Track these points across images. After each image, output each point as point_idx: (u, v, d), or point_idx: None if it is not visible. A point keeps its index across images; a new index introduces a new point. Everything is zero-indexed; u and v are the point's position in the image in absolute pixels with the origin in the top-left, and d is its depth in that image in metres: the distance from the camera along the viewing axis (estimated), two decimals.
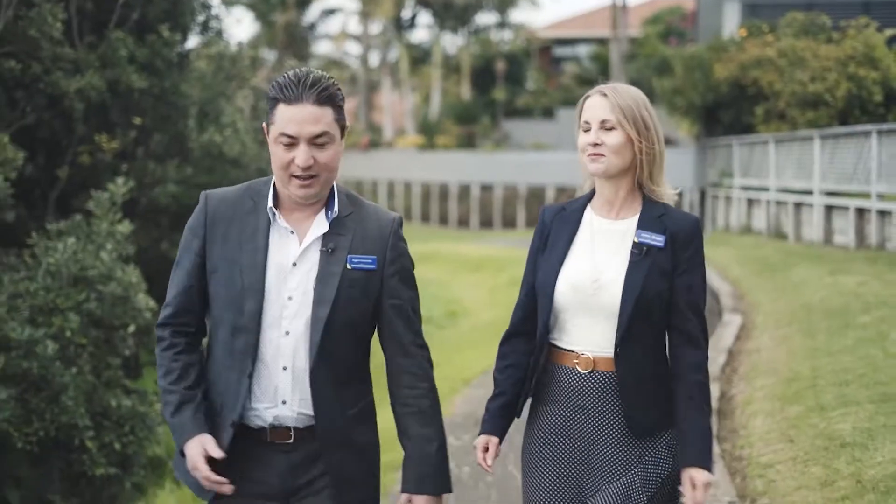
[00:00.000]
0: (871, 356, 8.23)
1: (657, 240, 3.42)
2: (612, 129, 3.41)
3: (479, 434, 3.60)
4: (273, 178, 3.29)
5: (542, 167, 32.05)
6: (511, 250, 22.11)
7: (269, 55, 46.80)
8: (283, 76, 3.16)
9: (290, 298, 3.23)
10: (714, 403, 8.02)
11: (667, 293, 3.41)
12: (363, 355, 3.37)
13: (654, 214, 3.47)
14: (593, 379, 3.44)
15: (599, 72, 42.62)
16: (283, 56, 47.85)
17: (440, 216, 36.27)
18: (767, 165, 19.98)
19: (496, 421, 3.59)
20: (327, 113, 3.18)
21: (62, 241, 8.72)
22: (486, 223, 33.94)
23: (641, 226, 3.46)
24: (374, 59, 51.52)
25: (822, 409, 7.30)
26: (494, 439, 3.57)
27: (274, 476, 3.29)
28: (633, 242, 3.43)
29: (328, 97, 3.18)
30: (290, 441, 3.27)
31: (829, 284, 12.43)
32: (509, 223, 32.76)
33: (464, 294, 19.21)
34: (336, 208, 3.29)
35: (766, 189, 19.96)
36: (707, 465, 3.39)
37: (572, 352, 3.46)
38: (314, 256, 3.25)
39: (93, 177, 12.42)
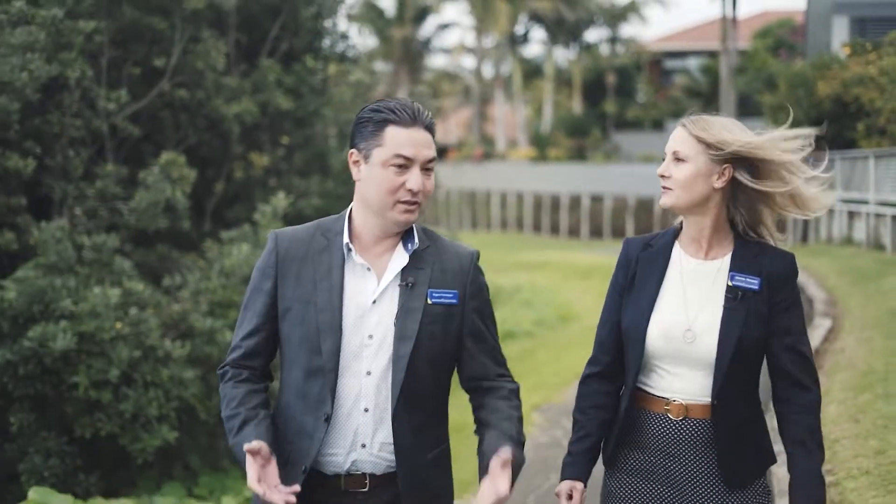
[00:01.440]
0: None
1: (752, 282, 3.29)
2: (682, 161, 3.29)
3: (563, 479, 3.45)
4: (345, 214, 3.25)
5: (650, 179, 32.84)
6: (612, 260, 23.22)
7: (384, 67, 48.48)
8: (384, 102, 3.16)
9: (370, 337, 3.14)
10: None
11: (764, 339, 3.29)
12: (444, 396, 3.29)
13: (748, 253, 3.34)
14: (686, 426, 3.32)
15: (709, 84, 43.29)
16: (399, 69, 49.46)
17: (551, 226, 37.43)
18: (868, 179, 20.77)
19: (581, 465, 3.45)
20: (432, 140, 3.18)
21: (236, 246, 10.27)
22: (596, 233, 34.98)
23: (735, 267, 3.33)
24: (488, 71, 52.84)
25: (888, 396, 8.41)
26: (580, 485, 3.43)
27: None
28: (728, 286, 3.30)
29: (433, 125, 3.19)
30: (366, 490, 3.15)
31: None
32: (619, 233, 33.75)
33: (574, 299, 20.40)
34: (416, 241, 3.22)
35: (865, 202, 20.75)
36: None
37: (663, 398, 3.34)
38: (393, 292, 3.17)
39: (245, 190, 14.06)
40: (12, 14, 10.02)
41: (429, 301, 3.15)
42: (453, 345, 3.21)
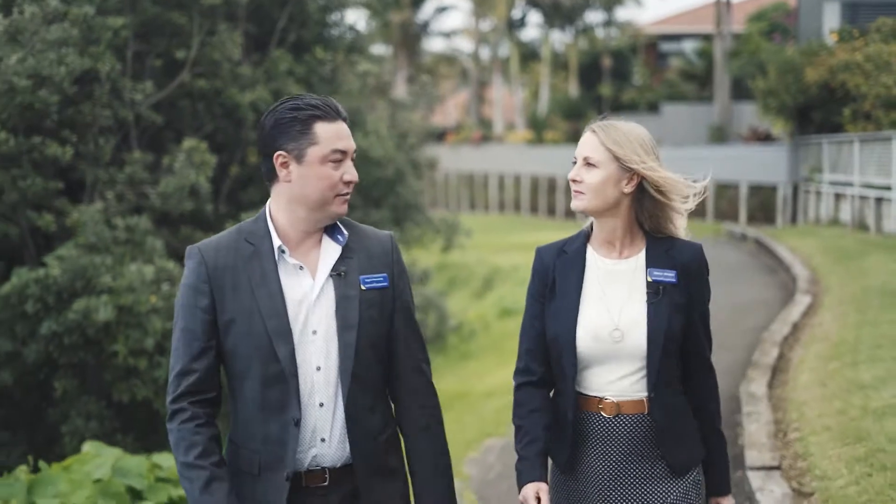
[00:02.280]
0: None
1: (669, 276, 3.39)
2: (593, 166, 3.36)
3: (524, 484, 3.42)
4: (263, 216, 3.22)
5: None
6: None
7: (383, 50, 49.07)
8: (297, 99, 3.15)
9: (314, 332, 3.14)
10: (772, 362, 10.04)
11: (685, 328, 3.39)
12: (384, 379, 3.31)
13: (660, 249, 3.44)
14: (620, 423, 3.38)
15: (705, 67, 43.95)
16: (398, 52, 50.07)
17: (548, 207, 38.14)
18: (853, 162, 21.59)
19: (537, 468, 3.43)
20: None
21: None
22: None
23: (651, 263, 3.43)
24: (486, 55, 53.37)
25: (855, 364, 9.24)
26: (544, 486, 3.41)
27: None
28: (647, 282, 3.39)
29: (347, 117, 3.22)
30: (326, 484, 3.16)
31: (893, 270, 14.22)
32: None
33: None
34: (345, 231, 3.24)
35: (850, 184, 21.58)
36: (730, 491, 3.58)
37: (596, 397, 3.39)
38: (328, 285, 3.17)
39: (258, 174, 14.85)
40: (48, 12, 10.80)
41: (363, 287, 3.18)
42: (388, 327, 3.25)
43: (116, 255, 10.17)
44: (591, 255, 3.46)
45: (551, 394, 3.54)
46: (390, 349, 3.29)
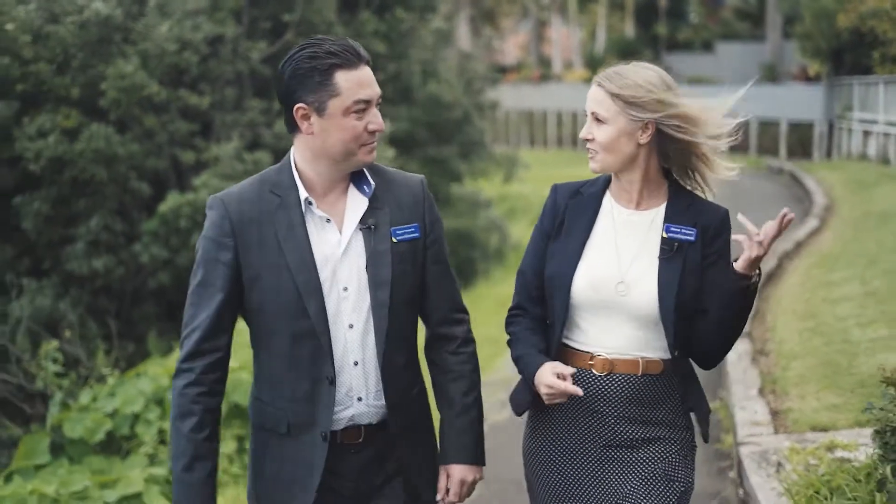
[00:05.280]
0: (888, 245, 12.45)
1: (688, 233, 3.12)
2: (602, 122, 3.10)
3: (533, 371, 3.13)
4: (288, 165, 3.04)
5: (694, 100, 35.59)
6: None
7: None
8: (317, 44, 2.94)
9: (345, 289, 3.00)
10: (769, 270, 12.43)
11: (700, 290, 3.12)
12: (416, 332, 3.18)
13: (681, 204, 3.16)
14: (611, 382, 3.14)
15: (758, 5, 45.25)
16: None
17: None
18: (878, 102, 23.65)
19: (542, 356, 3.17)
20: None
21: None
22: None
23: (669, 218, 3.15)
24: None
25: (831, 269, 11.69)
26: (557, 363, 3.11)
27: (347, 480, 3.09)
28: (662, 238, 3.13)
29: (370, 59, 3.02)
30: (360, 441, 3.06)
31: None
32: None
33: None
34: (372, 181, 3.06)
35: (876, 122, 23.66)
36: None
37: (587, 353, 3.15)
38: (357, 239, 3.01)
39: None
40: None
41: (394, 240, 3.02)
42: (421, 278, 3.11)
43: None
44: (608, 201, 3.20)
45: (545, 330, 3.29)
46: (423, 299, 3.15)
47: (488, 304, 13.63)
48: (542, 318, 3.28)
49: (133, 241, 13.66)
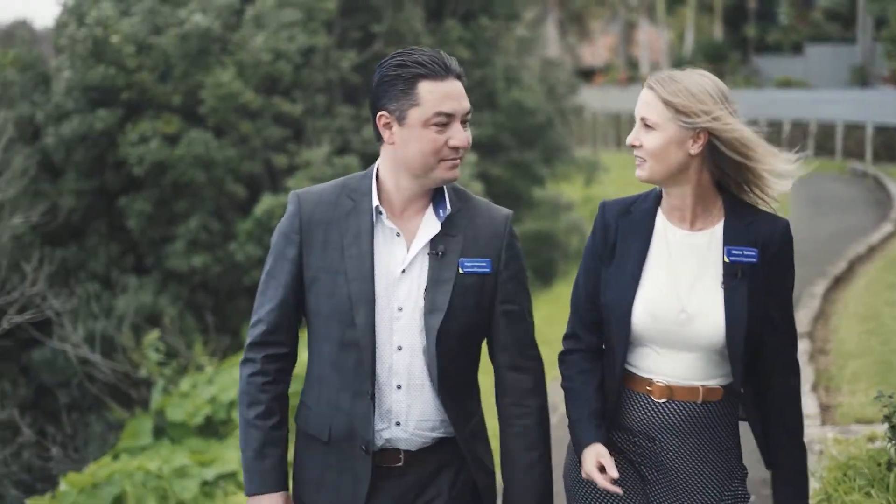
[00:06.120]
0: None
1: (750, 255, 2.94)
2: (651, 128, 2.93)
3: (582, 450, 3.03)
4: (372, 173, 2.98)
5: (779, 103, 35.55)
6: None
7: None
8: (408, 54, 2.87)
9: (399, 309, 2.90)
10: (839, 273, 12.71)
11: (764, 317, 2.95)
12: (475, 367, 3.07)
13: (740, 222, 2.97)
14: (669, 409, 3.01)
15: (849, 7, 44.73)
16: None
17: None
18: None
19: (594, 429, 3.03)
20: (464, 90, 2.91)
21: None
22: None
23: (728, 239, 2.96)
24: None
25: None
26: (603, 449, 2.99)
27: (388, 501, 2.98)
28: (725, 263, 2.94)
29: (463, 74, 2.93)
30: (401, 465, 2.97)
31: None
32: None
33: None
34: (449, 205, 2.94)
35: None
36: None
37: (646, 378, 3.02)
38: (423, 261, 2.92)
39: None
40: (282, 1, 14.31)
41: (460, 271, 2.91)
42: (486, 316, 2.98)
43: None
44: (661, 221, 3.02)
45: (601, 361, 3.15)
46: (490, 339, 3.04)
47: (566, 304, 14.10)
48: (598, 347, 3.13)
49: (229, 241, 14.61)
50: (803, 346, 9.22)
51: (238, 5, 14.89)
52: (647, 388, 3.02)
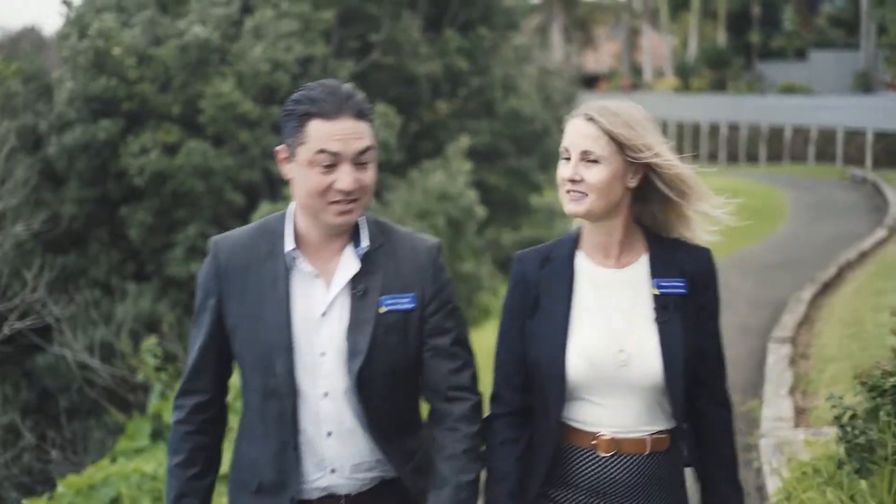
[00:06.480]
0: None
1: (679, 286, 2.84)
2: (594, 162, 2.76)
3: None
4: (289, 213, 2.84)
5: (781, 109, 35.71)
6: (746, 182, 26.68)
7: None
8: (307, 89, 2.75)
9: (322, 354, 2.79)
10: (827, 279, 12.85)
11: (699, 349, 2.85)
12: (413, 403, 2.95)
13: (666, 253, 2.87)
14: (618, 464, 2.85)
15: (853, 13, 44.81)
16: (552, 4, 52.42)
17: (692, 152, 40.44)
18: None
19: None
20: (367, 128, 2.74)
21: (434, 173, 14.76)
22: (733, 158, 37.90)
23: (656, 271, 2.85)
24: (638, 3, 54.85)
25: (887, 278, 12.14)
26: None
27: None
28: (655, 296, 2.81)
29: (367, 110, 2.76)
30: None
31: None
32: (752, 159, 36.53)
33: None
34: (366, 242, 2.81)
35: None
36: None
37: (590, 432, 2.84)
38: (344, 302, 2.79)
39: (431, 130, 18.51)
40: (280, 12, 14.55)
41: (381, 310, 2.79)
42: (415, 352, 2.86)
43: None
44: (583, 262, 2.88)
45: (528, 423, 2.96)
46: (424, 375, 2.90)
47: None
48: (523, 407, 2.94)
49: None
50: (784, 351, 9.39)
51: (237, 16, 15.16)
52: (593, 442, 2.85)
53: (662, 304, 2.81)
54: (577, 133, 2.79)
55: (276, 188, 15.23)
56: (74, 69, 14.85)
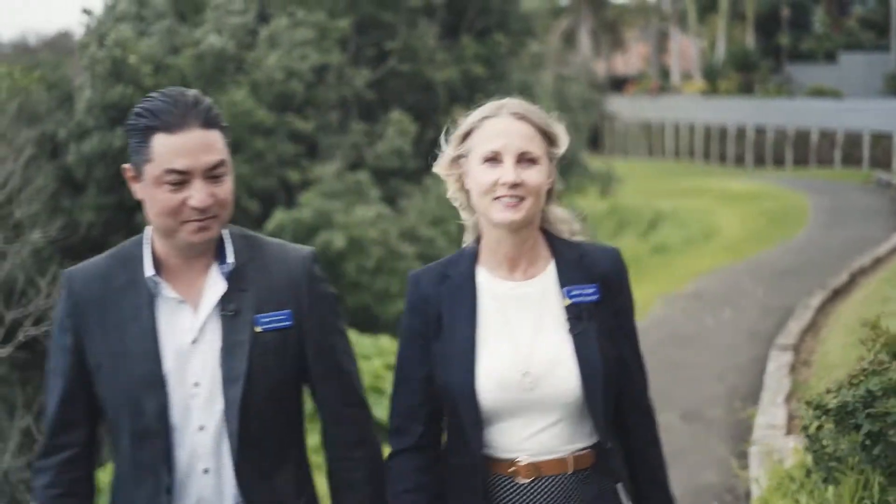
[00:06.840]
0: None
1: (590, 292, 2.64)
2: (532, 162, 2.57)
3: None
4: (145, 237, 2.60)
5: (807, 112, 35.59)
6: (770, 186, 26.60)
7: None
8: (149, 100, 2.50)
9: (196, 385, 2.56)
10: (838, 285, 12.84)
11: (617, 357, 2.66)
12: (296, 433, 2.73)
13: (571, 258, 2.67)
14: (539, 489, 2.65)
15: (883, 15, 44.49)
16: (582, 5, 52.41)
17: (719, 155, 40.30)
18: None
19: None
20: (218, 137, 2.51)
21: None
22: (759, 161, 37.81)
23: (565, 279, 2.64)
24: (667, 4, 54.64)
25: None
26: None
27: None
28: (567, 306, 2.62)
29: (216, 117, 2.53)
30: None
31: None
32: (779, 161, 36.43)
33: (719, 220, 23.96)
34: (231, 258, 2.59)
35: None
36: None
37: (507, 460, 2.64)
38: (215, 325, 2.57)
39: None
40: (297, 19, 14.72)
41: (257, 329, 2.58)
42: (294, 372, 2.65)
43: (346, 201, 14.13)
44: (485, 277, 2.68)
45: (436, 457, 2.75)
46: (312, 394, 2.73)
47: None
48: (429, 441, 2.73)
49: None
50: (785, 359, 9.41)
51: (252, 25, 15.34)
52: (511, 469, 2.64)
53: (575, 314, 2.62)
54: (512, 133, 2.58)
55: (292, 195, 15.41)
56: (93, 78, 15.09)
